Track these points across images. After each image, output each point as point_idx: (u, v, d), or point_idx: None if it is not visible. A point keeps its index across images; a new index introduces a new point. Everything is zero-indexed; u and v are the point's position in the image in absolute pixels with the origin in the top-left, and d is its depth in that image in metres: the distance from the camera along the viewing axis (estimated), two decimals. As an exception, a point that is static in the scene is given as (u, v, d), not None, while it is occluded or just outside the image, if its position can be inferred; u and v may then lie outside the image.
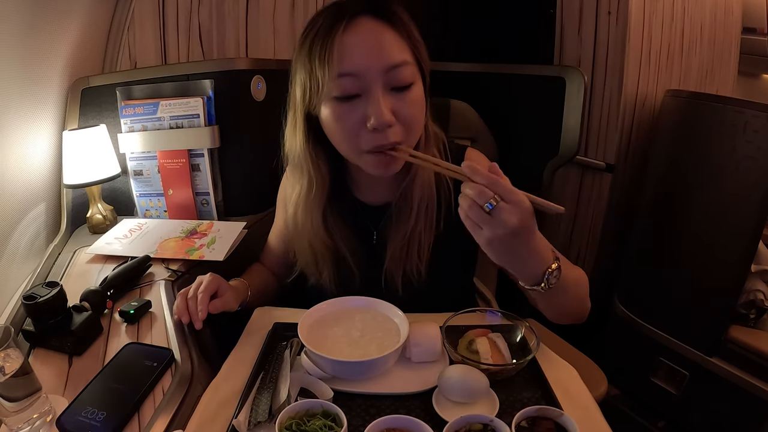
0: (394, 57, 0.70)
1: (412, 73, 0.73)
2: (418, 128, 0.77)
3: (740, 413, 1.32)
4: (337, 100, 0.71)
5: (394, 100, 0.71)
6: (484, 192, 0.59)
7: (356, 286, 0.87)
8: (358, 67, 0.69)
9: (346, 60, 0.69)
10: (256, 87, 1.20)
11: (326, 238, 0.85)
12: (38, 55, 1.06)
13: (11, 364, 0.58)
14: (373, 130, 0.70)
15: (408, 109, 0.72)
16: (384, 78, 0.70)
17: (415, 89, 0.73)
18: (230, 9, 1.49)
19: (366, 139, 0.72)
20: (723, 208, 1.29)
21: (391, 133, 0.71)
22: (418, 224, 0.82)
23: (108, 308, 0.86)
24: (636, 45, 1.51)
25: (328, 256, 0.87)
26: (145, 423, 0.62)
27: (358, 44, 0.70)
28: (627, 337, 1.61)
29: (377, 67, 0.70)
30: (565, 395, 0.66)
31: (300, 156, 0.82)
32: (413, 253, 0.83)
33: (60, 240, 1.12)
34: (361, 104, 0.70)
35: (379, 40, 0.71)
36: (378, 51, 0.70)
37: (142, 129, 1.19)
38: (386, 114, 0.69)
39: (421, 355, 0.71)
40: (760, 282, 1.35)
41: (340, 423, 0.57)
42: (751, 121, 1.21)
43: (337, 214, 0.86)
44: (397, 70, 0.70)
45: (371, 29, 0.71)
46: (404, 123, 0.72)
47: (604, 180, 1.66)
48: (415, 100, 0.74)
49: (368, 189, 0.88)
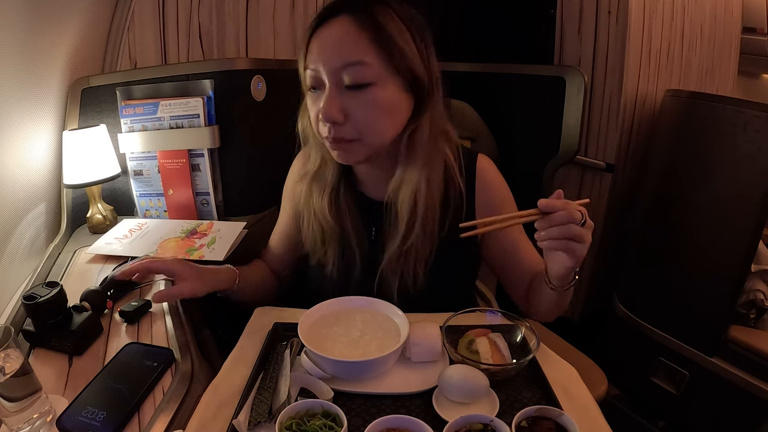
0: (348, 56, 0.72)
1: (372, 74, 0.73)
2: (376, 130, 0.76)
3: (740, 413, 1.32)
4: (310, 89, 0.78)
5: (347, 99, 0.74)
6: (575, 213, 0.65)
7: (356, 274, 0.88)
8: (315, 63, 0.75)
9: (310, 55, 0.75)
10: (256, 87, 1.20)
11: (330, 219, 0.87)
12: (38, 55, 1.06)
13: (11, 364, 0.58)
14: (324, 122, 0.75)
15: (360, 110, 0.74)
16: (337, 75, 0.73)
17: (374, 90, 0.74)
18: (230, 9, 1.49)
19: (322, 128, 0.78)
20: (723, 208, 1.29)
21: (338, 129, 0.75)
22: (413, 229, 0.82)
23: (108, 308, 0.85)
24: (636, 45, 1.51)
25: (334, 237, 0.88)
26: (145, 423, 0.62)
27: (322, 41, 0.74)
28: (627, 337, 1.61)
29: (329, 65, 0.73)
30: (565, 395, 0.66)
31: (304, 134, 0.88)
32: (410, 258, 0.83)
33: (60, 240, 1.12)
34: (321, 97, 0.75)
35: (339, 39, 0.73)
36: (335, 48, 0.73)
37: (142, 129, 1.19)
38: (331, 110, 0.73)
39: (422, 355, 0.71)
40: (760, 282, 1.35)
41: (341, 423, 0.57)
42: (751, 121, 1.21)
43: (345, 200, 0.88)
44: (350, 68, 0.72)
45: (338, 28, 0.74)
46: (355, 122, 0.75)
47: (604, 180, 1.66)
48: (373, 101, 0.74)
49: (369, 183, 0.90)
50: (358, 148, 0.77)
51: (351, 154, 0.79)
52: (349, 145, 0.77)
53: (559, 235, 0.65)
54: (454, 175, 0.85)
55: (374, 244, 0.88)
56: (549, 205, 0.65)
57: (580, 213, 0.65)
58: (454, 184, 0.85)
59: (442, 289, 0.88)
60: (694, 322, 1.39)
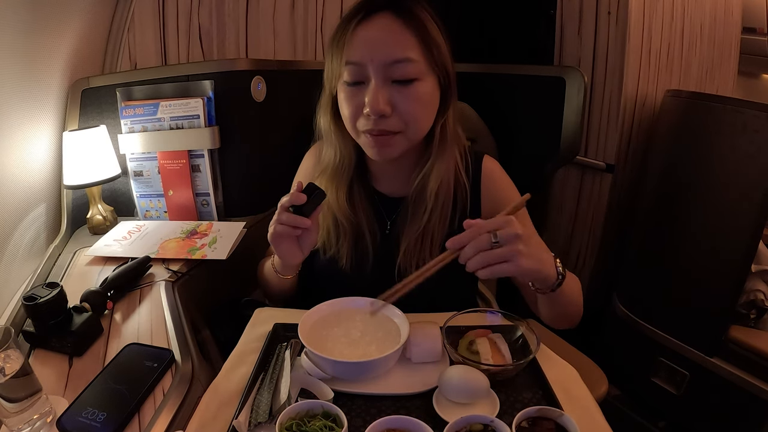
0: (397, 53, 0.75)
1: (417, 70, 0.77)
2: (419, 123, 0.81)
3: (740, 413, 1.32)
4: (346, 84, 0.79)
5: (394, 92, 0.77)
6: (481, 239, 0.65)
7: (369, 270, 0.89)
8: (361, 58, 0.76)
9: (353, 50, 0.77)
10: (256, 88, 1.20)
11: (349, 212, 0.88)
12: (38, 56, 1.06)
13: (11, 365, 0.58)
14: (367, 115, 0.77)
15: (407, 103, 0.77)
16: (385, 70, 0.76)
17: (419, 85, 0.78)
18: (230, 10, 1.50)
19: (363, 122, 0.79)
20: (723, 208, 1.29)
21: (384, 121, 0.77)
22: (431, 219, 0.86)
23: (108, 309, 0.85)
24: (636, 45, 1.51)
25: (349, 231, 0.89)
26: (145, 424, 0.62)
27: (366, 37, 0.76)
28: (627, 337, 1.61)
29: (378, 60, 0.75)
30: (566, 395, 0.66)
31: (326, 129, 0.89)
32: (426, 248, 0.86)
33: (60, 241, 1.12)
34: (364, 91, 0.77)
35: (387, 35, 0.76)
36: (383, 45, 0.76)
37: (143, 130, 1.19)
38: (380, 103, 0.75)
39: (422, 356, 0.71)
40: (760, 282, 1.35)
41: (341, 424, 0.57)
42: (751, 121, 1.21)
43: (360, 195, 0.91)
44: (399, 65, 0.76)
45: (384, 25, 0.77)
46: (402, 115, 0.78)
47: (604, 180, 1.66)
48: (418, 95, 0.78)
49: (385, 180, 0.93)
50: (399, 141, 0.80)
51: (391, 148, 0.81)
52: (392, 138, 0.79)
53: (477, 266, 0.66)
54: (459, 173, 0.88)
55: (388, 239, 0.90)
56: (455, 241, 0.67)
57: (488, 236, 0.65)
58: (459, 182, 0.88)
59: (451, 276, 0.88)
60: (694, 322, 1.39)
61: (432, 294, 0.86)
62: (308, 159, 1.01)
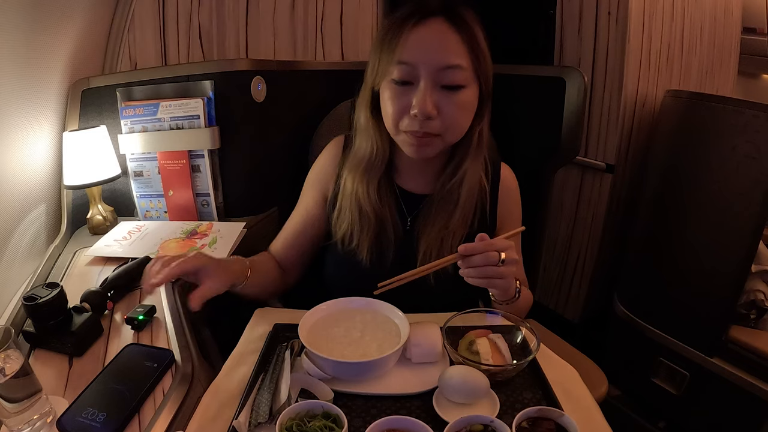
0: (449, 59, 0.78)
1: (464, 77, 0.80)
2: (458, 128, 0.84)
3: (740, 413, 1.32)
4: (394, 82, 0.81)
5: (441, 96, 0.79)
6: (492, 255, 0.72)
7: (389, 264, 0.90)
8: (414, 60, 0.78)
9: (406, 51, 0.79)
10: (256, 88, 1.20)
11: (377, 204, 0.90)
12: (38, 56, 1.06)
13: (11, 365, 0.58)
14: (413, 116, 0.79)
15: (451, 108, 0.80)
16: (436, 75, 0.78)
17: (465, 92, 0.81)
18: (230, 10, 1.50)
19: (406, 122, 0.81)
20: (723, 208, 1.29)
21: (428, 123, 0.79)
22: (456, 218, 0.89)
23: (108, 309, 0.85)
24: (636, 45, 1.51)
25: (373, 222, 0.90)
26: (145, 424, 0.62)
27: (421, 40, 0.79)
28: (627, 337, 1.61)
29: (431, 64, 0.78)
30: (566, 396, 0.66)
31: (364, 124, 0.91)
32: (446, 245, 0.88)
33: (60, 241, 1.12)
34: (412, 91, 0.79)
35: (440, 40, 0.79)
36: (436, 50, 0.78)
37: (143, 130, 1.19)
38: (428, 105, 0.78)
39: (422, 356, 0.72)
40: (760, 282, 1.35)
41: (341, 424, 0.57)
42: (751, 121, 1.21)
43: (386, 189, 0.93)
44: (449, 71, 0.78)
45: (438, 30, 0.79)
46: (445, 119, 0.80)
47: (604, 180, 1.66)
48: (462, 102, 0.81)
49: (410, 177, 0.95)
50: (438, 142, 0.83)
51: (429, 148, 0.83)
52: (432, 139, 0.82)
53: (477, 275, 0.73)
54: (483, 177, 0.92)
55: (409, 234, 0.92)
56: (469, 249, 0.72)
57: (498, 254, 0.72)
58: (481, 185, 0.91)
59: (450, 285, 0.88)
60: (694, 323, 1.39)
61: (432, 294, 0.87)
62: (330, 149, 1.01)
